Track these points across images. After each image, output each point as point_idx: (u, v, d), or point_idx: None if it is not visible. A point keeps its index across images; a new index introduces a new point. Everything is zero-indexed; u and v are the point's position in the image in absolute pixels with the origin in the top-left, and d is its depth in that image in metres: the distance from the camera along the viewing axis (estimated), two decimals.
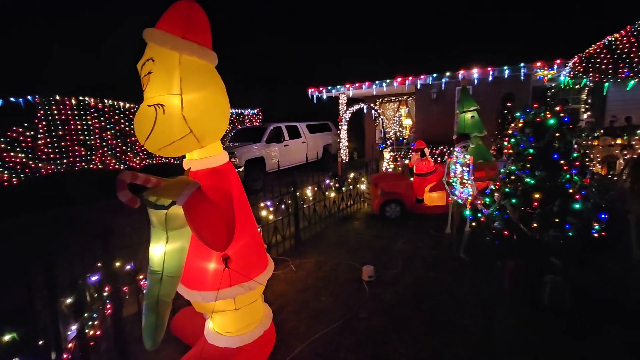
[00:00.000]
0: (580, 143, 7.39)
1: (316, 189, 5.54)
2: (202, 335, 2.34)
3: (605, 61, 5.91)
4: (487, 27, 23.55)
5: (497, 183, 3.87)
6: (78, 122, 9.42)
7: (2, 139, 8.24)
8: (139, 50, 1.81)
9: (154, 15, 1.83)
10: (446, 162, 4.47)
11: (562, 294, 2.89)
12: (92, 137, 9.71)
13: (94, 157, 9.77)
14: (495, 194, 3.82)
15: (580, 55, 6.58)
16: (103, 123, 9.94)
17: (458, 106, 6.72)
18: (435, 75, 9.55)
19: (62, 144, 9.16)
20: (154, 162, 11.18)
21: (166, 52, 1.67)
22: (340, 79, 11.42)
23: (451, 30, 25.05)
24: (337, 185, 6.03)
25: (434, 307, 3.08)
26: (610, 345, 2.46)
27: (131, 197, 1.62)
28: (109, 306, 2.53)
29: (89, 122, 9.64)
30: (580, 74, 6.49)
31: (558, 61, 7.94)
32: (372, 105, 11.25)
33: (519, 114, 3.80)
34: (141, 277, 2.78)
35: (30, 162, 8.66)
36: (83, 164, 9.58)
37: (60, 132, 9.12)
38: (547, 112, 3.50)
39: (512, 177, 3.64)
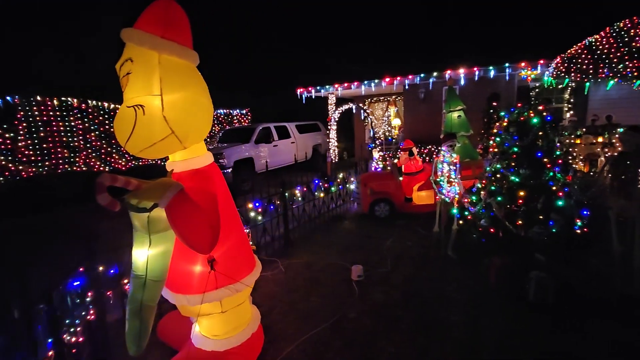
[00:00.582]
0: (563, 141, 7.57)
1: (305, 189, 5.52)
2: (189, 339, 2.31)
3: (586, 62, 6.05)
4: (473, 28, 23.94)
5: (484, 181, 3.93)
6: (61, 123, 9.17)
7: None
8: (119, 50, 1.77)
9: (134, 14, 1.79)
10: (434, 161, 4.51)
11: (546, 289, 2.95)
12: (75, 139, 9.47)
13: (77, 159, 9.54)
14: (482, 192, 3.88)
15: (563, 56, 6.72)
16: (87, 124, 9.71)
17: (445, 106, 6.80)
18: (422, 75, 9.63)
19: (44, 145, 8.92)
20: (140, 163, 10.97)
21: (145, 52, 1.64)
22: (329, 79, 11.41)
23: (438, 30, 25.36)
24: (326, 185, 6.03)
25: (422, 305, 3.10)
26: (592, 338, 2.52)
27: (111, 200, 1.58)
28: (92, 312, 2.47)
29: (72, 123, 9.39)
30: (563, 74, 6.63)
31: (541, 61, 8.10)
32: (361, 105, 11.28)
33: (503, 113, 3.86)
34: (126, 281, 2.72)
35: (10, 165, 8.40)
36: (66, 166, 9.34)
37: (42, 134, 8.87)
38: (531, 112, 3.58)
39: (498, 176, 3.70)
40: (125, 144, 1.70)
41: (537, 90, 10.81)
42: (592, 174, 7.05)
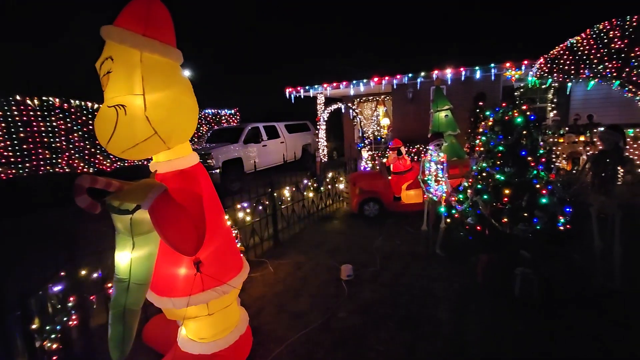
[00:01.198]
0: (546, 140, 7.74)
1: (294, 189, 5.50)
2: (175, 343, 2.26)
3: (567, 62, 6.20)
4: (460, 29, 24.29)
5: (470, 180, 3.98)
6: (42, 123, 8.89)
7: None
8: (100, 48, 1.72)
9: (116, 10, 1.74)
10: (421, 160, 4.55)
11: (531, 285, 3.01)
12: (57, 139, 9.19)
13: (60, 160, 9.27)
14: (468, 191, 3.93)
15: (546, 57, 6.87)
16: (69, 124, 9.44)
17: (432, 105, 6.87)
18: (410, 75, 9.71)
19: (25, 146, 8.63)
20: (126, 164, 10.73)
21: (126, 50, 1.59)
22: (318, 78, 11.40)
23: (426, 31, 25.64)
24: (315, 185, 6.01)
25: (411, 303, 3.13)
26: (575, 330, 2.58)
27: (90, 202, 1.53)
28: (74, 317, 2.40)
29: (54, 123, 9.12)
30: (546, 75, 6.78)
31: (525, 62, 8.27)
32: (349, 105, 11.30)
33: (489, 113, 3.92)
34: (109, 285, 2.65)
35: None
36: (48, 167, 9.06)
37: (22, 134, 8.59)
38: (515, 111, 3.64)
39: (484, 174, 3.75)
40: (106, 144, 1.66)
41: (521, 90, 11.04)
42: (574, 172, 7.25)
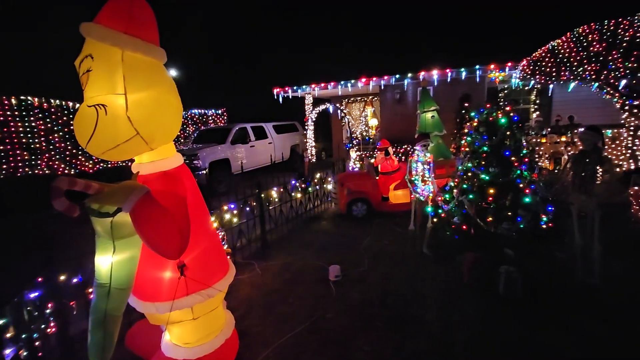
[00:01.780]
0: (529, 140, 7.95)
1: (282, 190, 5.47)
2: (159, 349, 2.21)
3: (549, 65, 6.37)
4: (446, 30, 24.68)
5: (456, 180, 4.04)
6: (19, 123, 8.58)
7: None
8: (80, 46, 1.66)
9: (98, 7, 1.68)
10: (408, 161, 4.59)
11: (515, 282, 3.07)
12: (36, 140, 8.89)
13: (39, 162, 8.97)
14: (454, 191, 3.99)
15: (528, 59, 7.04)
16: (49, 125, 9.14)
17: (419, 106, 6.95)
18: (397, 76, 9.81)
19: (1, 147, 8.32)
20: (109, 166, 10.46)
21: (107, 48, 1.54)
22: (306, 79, 11.40)
23: (413, 32, 25.95)
24: (303, 185, 6.00)
25: (398, 302, 3.15)
26: (557, 325, 2.65)
27: (68, 205, 1.48)
28: (52, 324, 2.32)
29: (33, 123, 8.81)
30: (529, 77, 6.95)
31: (509, 64, 8.46)
32: (337, 105, 11.33)
33: (473, 114, 3.99)
34: (90, 290, 2.58)
35: None
36: (27, 169, 8.75)
37: None
38: (499, 112, 3.71)
39: (469, 174, 3.82)
40: (86, 145, 1.60)
41: (505, 91, 11.28)
42: (556, 171, 7.45)
